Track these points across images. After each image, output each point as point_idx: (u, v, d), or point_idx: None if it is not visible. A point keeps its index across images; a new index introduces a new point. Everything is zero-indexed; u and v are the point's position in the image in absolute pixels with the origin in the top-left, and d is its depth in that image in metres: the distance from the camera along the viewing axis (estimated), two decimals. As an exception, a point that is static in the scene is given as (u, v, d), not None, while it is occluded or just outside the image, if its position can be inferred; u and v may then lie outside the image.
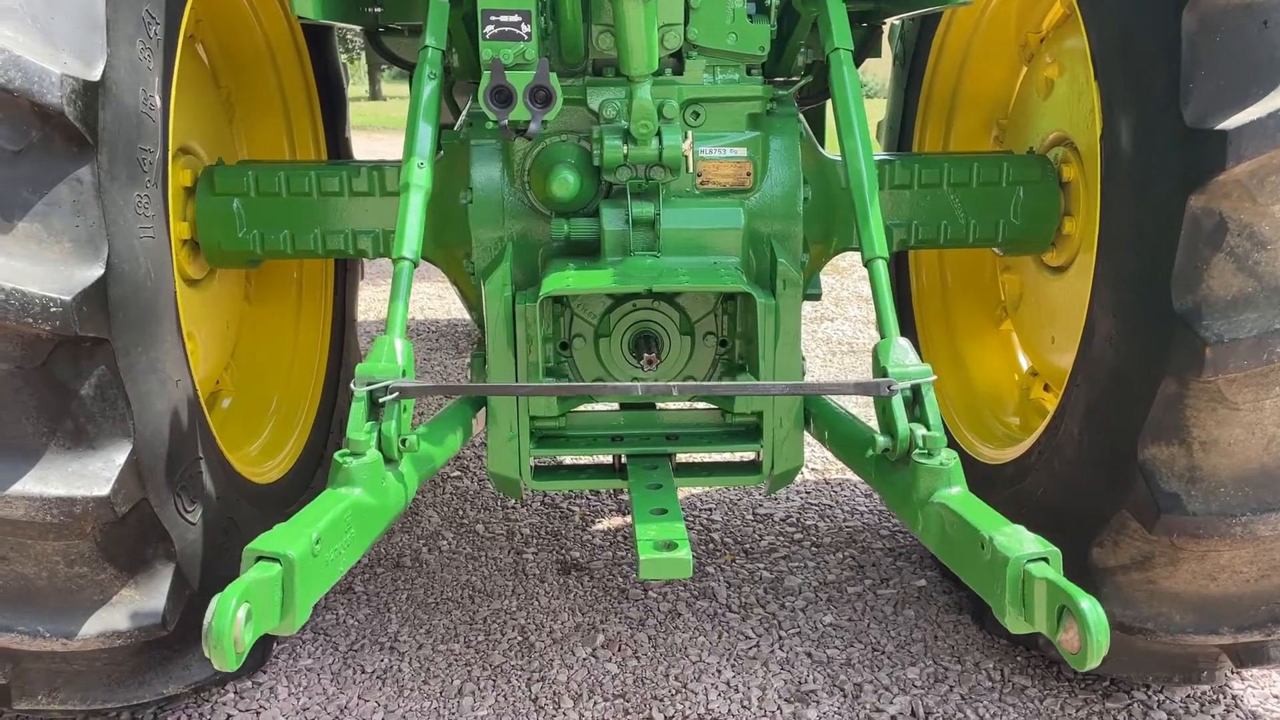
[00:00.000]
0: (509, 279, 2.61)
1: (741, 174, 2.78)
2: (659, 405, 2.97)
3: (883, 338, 2.39)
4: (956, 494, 2.10)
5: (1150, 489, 2.33)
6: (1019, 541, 1.84)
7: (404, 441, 2.17)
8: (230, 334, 3.37)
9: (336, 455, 2.08)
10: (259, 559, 1.74)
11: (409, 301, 2.39)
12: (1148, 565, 2.46)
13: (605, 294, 2.70)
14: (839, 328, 6.94)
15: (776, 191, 2.82)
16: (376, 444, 2.11)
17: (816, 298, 3.22)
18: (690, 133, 2.66)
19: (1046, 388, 3.37)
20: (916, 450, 2.17)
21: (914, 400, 2.26)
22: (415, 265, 2.41)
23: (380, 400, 2.15)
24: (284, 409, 3.51)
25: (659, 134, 2.58)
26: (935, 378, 2.28)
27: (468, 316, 7.06)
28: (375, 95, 39.99)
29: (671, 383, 2.66)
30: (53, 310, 1.99)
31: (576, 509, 4.20)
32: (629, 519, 4.11)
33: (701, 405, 2.92)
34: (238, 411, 3.32)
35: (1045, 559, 1.80)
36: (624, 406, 2.95)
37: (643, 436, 2.86)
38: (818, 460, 4.72)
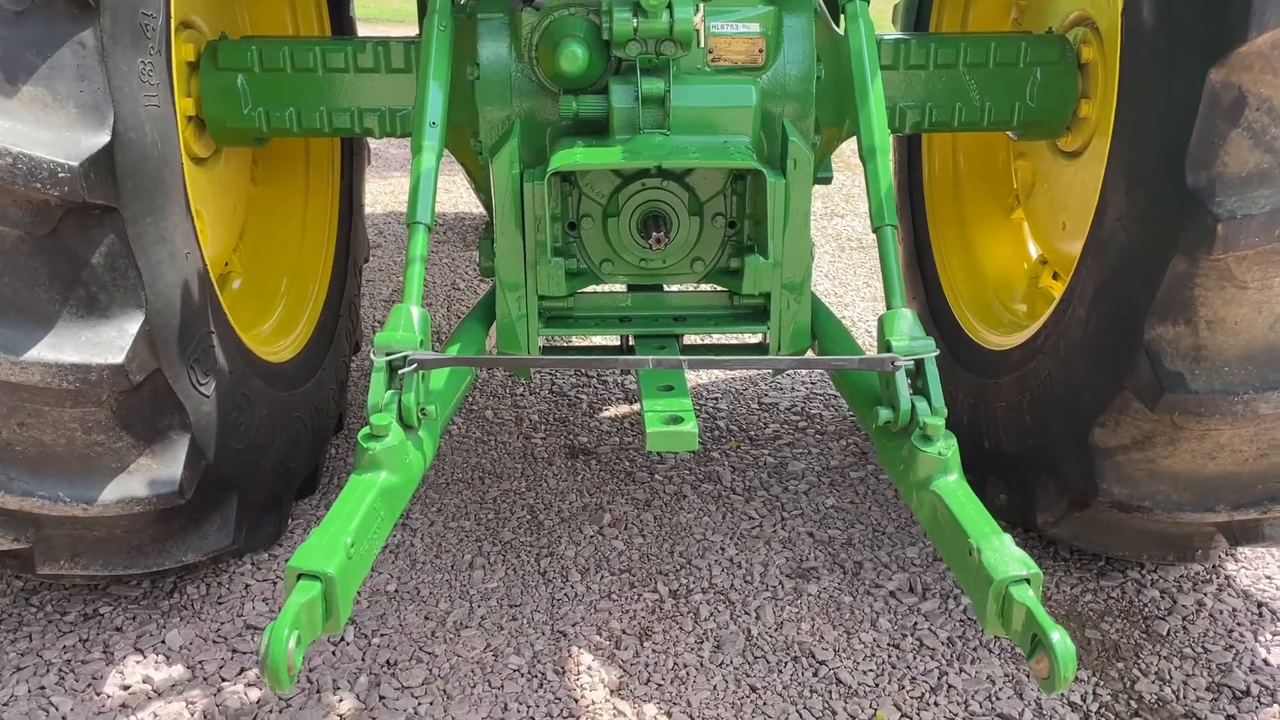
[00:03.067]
0: (517, 157, 2.59)
1: (754, 51, 2.73)
2: (666, 287, 2.97)
3: (888, 309, 2.37)
4: (953, 483, 2.11)
5: (1154, 368, 2.34)
6: (1004, 561, 1.86)
7: (424, 411, 2.18)
8: (238, 215, 3.37)
9: (360, 438, 2.08)
10: (300, 577, 1.80)
11: (425, 267, 2.37)
12: (1148, 445, 2.49)
13: (613, 172, 2.68)
14: (849, 224, 6.89)
15: (789, 70, 2.77)
16: (396, 416, 2.12)
17: (827, 181, 3.19)
18: (702, 6, 2.60)
19: (1055, 276, 3.37)
20: (916, 433, 2.16)
21: (917, 373, 2.24)
22: (430, 230, 2.39)
23: (400, 371, 2.16)
24: (294, 292, 3.52)
25: (670, 7, 2.52)
26: (938, 351, 2.26)
27: (475, 210, 7.02)
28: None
29: (682, 357, 2.63)
30: (60, 176, 1.98)
31: (584, 397, 4.25)
32: (635, 407, 4.16)
33: (708, 287, 2.93)
34: (248, 292, 3.33)
35: (1028, 580, 1.83)
36: (631, 288, 2.96)
37: (650, 318, 2.87)
38: (824, 352, 4.74)
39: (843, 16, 2.72)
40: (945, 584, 3.00)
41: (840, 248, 6.42)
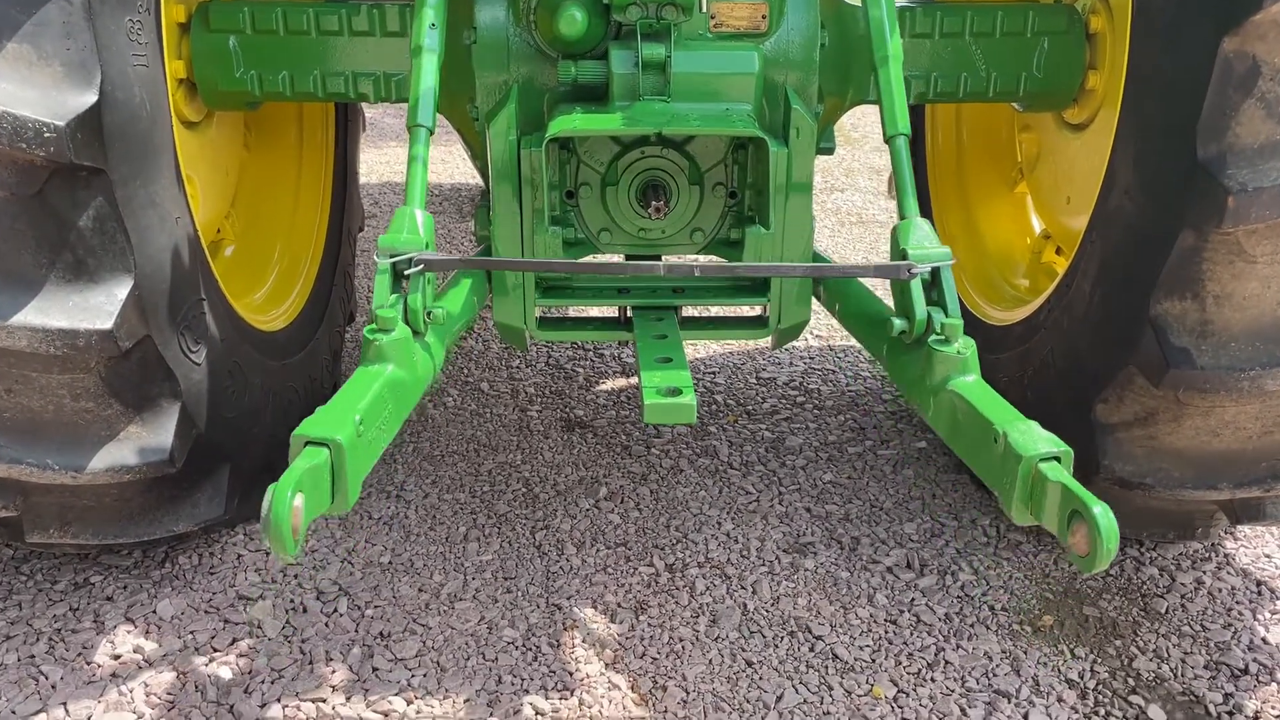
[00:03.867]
0: (514, 122, 2.54)
1: (756, 17, 2.67)
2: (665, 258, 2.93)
3: (902, 218, 2.34)
4: (971, 382, 2.08)
5: (1160, 344, 2.31)
6: (1032, 440, 1.82)
7: (429, 314, 2.16)
8: (230, 181, 3.31)
9: (366, 331, 2.06)
10: (307, 444, 1.75)
11: (427, 170, 2.33)
12: (1151, 421, 2.46)
13: (613, 139, 2.64)
14: (849, 198, 6.84)
15: (793, 37, 2.71)
16: (402, 317, 2.09)
17: (830, 152, 3.14)
18: (704, -31, 2.55)
19: (1059, 251, 3.33)
20: (933, 336, 2.14)
21: (932, 283, 2.22)
22: (431, 133, 2.35)
23: (404, 273, 2.13)
24: (287, 260, 3.47)
25: None
26: (955, 260, 2.24)
27: (472, 181, 6.95)
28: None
29: (695, 263, 2.59)
30: (46, 136, 1.93)
31: (580, 370, 4.21)
32: (633, 380, 4.13)
33: (708, 259, 2.89)
34: (240, 259, 3.28)
35: (1058, 458, 1.79)
36: (630, 258, 2.92)
37: (649, 289, 2.83)
38: (822, 327, 4.71)
39: None
40: (943, 560, 2.98)
41: (840, 222, 6.37)
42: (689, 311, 2.90)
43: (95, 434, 2.31)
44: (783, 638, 2.67)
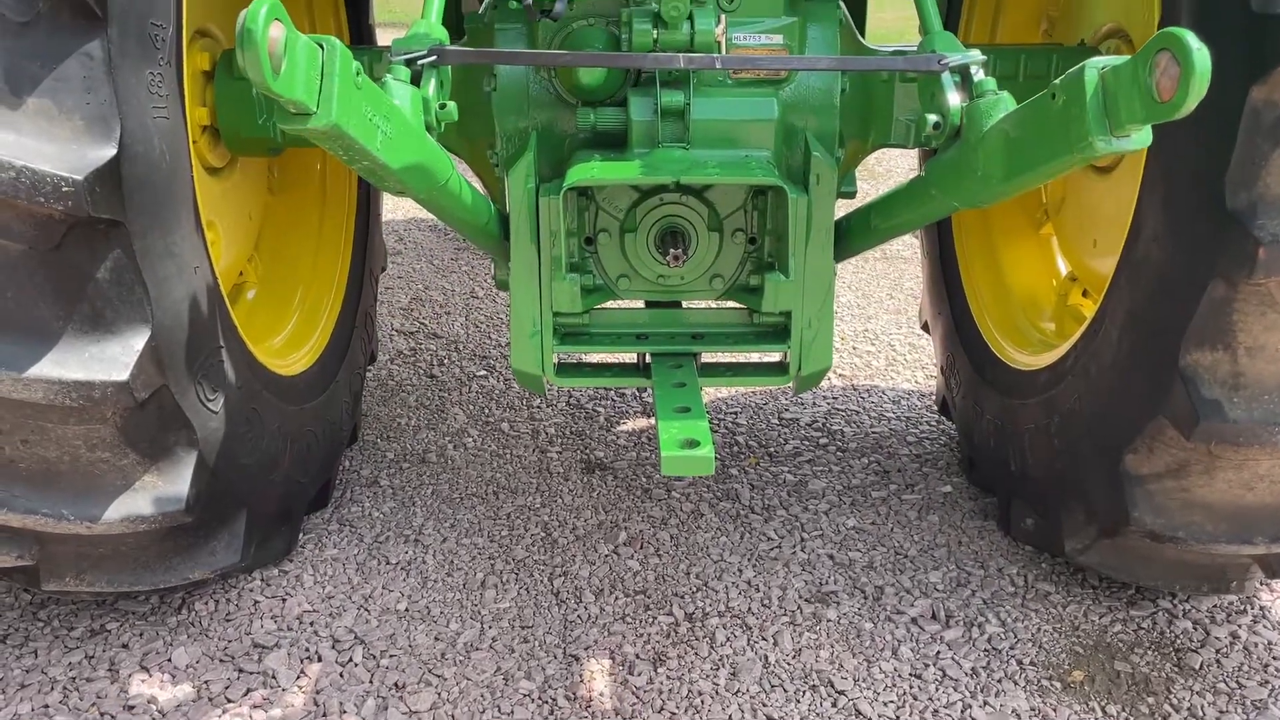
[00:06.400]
0: (533, 170, 2.54)
1: (776, 62, 2.66)
2: (685, 304, 2.91)
3: (926, 34, 2.41)
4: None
5: (1190, 395, 2.25)
6: (1086, 63, 1.70)
7: (443, 106, 2.18)
8: (253, 225, 3.33)
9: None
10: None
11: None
12: (1182, 473, 2.40)
13: (631, 187, 2.62)
14: (873, 234, 6.79)
15: (813, 82, 2.70)
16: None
17: (851, 195, 3.11)
18: (724, 17, 2.54)
19: (1085, 294, 3.28)
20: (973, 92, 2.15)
21: (963, 83, 2.24)
22: None
23: (419, 64, 2.15)
24: (308, 303, 3.48)
25: (690, 17, 2.47)
26: (985, 58, 2.26)
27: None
28: (405, -8, 39.13)
29: (715, 54, 2.48)
30: (64, 190, 1.94)
31: (601, 410, 4.19)
32: (654, 421, 4.09)
33: (728, 304, 2.86)
34: (262, 303, 3.30)
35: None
36: (649, 305, 2.90)
37: (668, 335, 2.80)
38: (846, 366, 4.66)
39: None
40: (969, 611, 2.91)
41: (863, 259, 6.31)
42: (708, 357, 2.87)
43: (111, 484, 2.31)
44: (804, 692, 2.61)
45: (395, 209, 7.10)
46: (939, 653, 2.75)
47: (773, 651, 2.75)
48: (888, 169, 8.22)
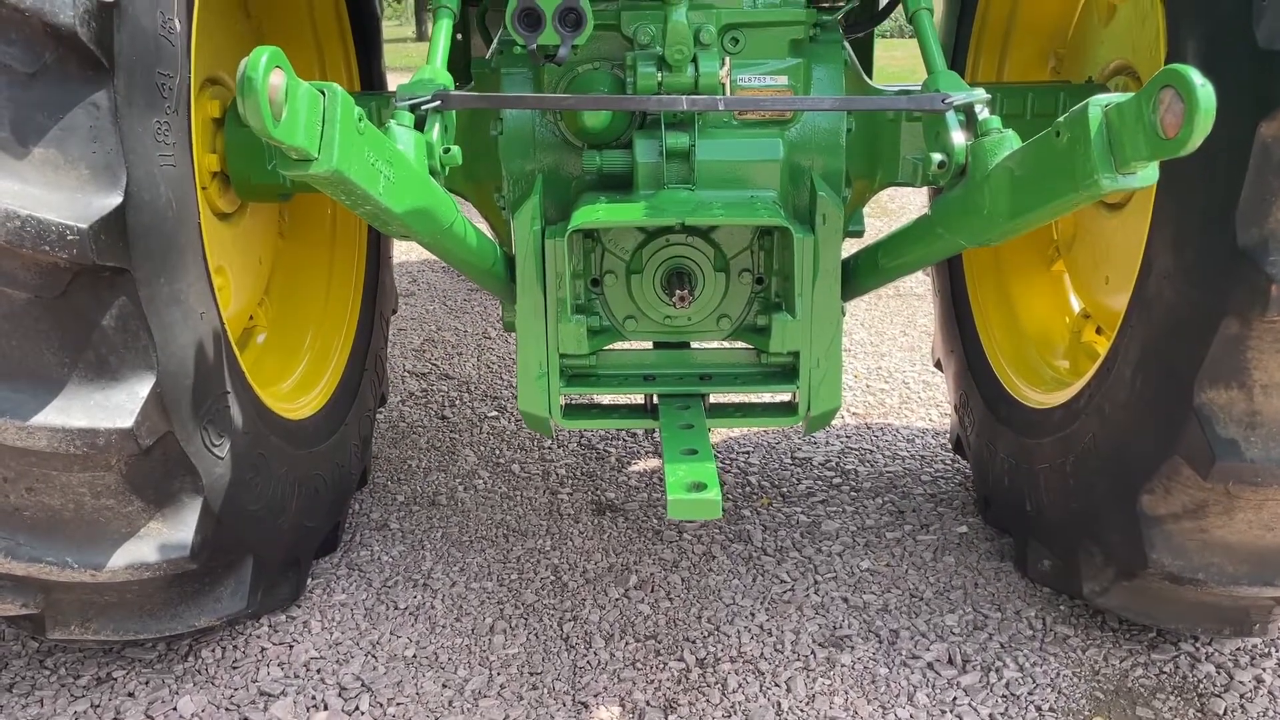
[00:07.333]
0: (539, 213, 2.54)
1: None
2: (693, 344, 2.89)
3: (930, 73, 2.43)
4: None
5: (1206, 434, 2.21)
6: (1089, 100, 1.68)
7: (447, 150, 2.21)
8: (264, 269, 3.34)
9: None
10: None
11: (451, 40, 2.47)
12: (1200, 514, 2.35)
13: (637, 228, 2.62)
14: (886, 271, 6.78)
15: (818, 122, 2.70)
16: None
17: (859, 234, 3.11)
18: (728, 59, 2.55)
19: (1099, 330, 3.25)
20: (978, 132, 2.16)
21: (968, 124, 2.25)
22: (455, 16, 2.46)
23: (423, 109, 2.19)
24: (318, 346, 3.49)
25: (695, 60, 2.48)
26: (989, 97, 2.28)
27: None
28: (421, 36, 39.74)
29: (718, 98, 2.45)
30: (69, 238, 1.95)
31: (612, 450, 4.16)
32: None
33: (736, 344, 2.84)
34: (271, 347, 3.30)
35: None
36: (657, 345, 2.88)
37: (675, 376, 2.79)
38: (859, 404, 4.63)
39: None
40: (987, 655, 2.85)
41: (875, 295, 6.30)
42: (717, 398, 2.85)
43: (115, 531, 2.30)
44: (818, 740, 2.56)
45: (408, 251, 7.14)
46: (956, 699, 2.69)
47: (785, 698, 2.70)
48: (900, 205, 8.22)
